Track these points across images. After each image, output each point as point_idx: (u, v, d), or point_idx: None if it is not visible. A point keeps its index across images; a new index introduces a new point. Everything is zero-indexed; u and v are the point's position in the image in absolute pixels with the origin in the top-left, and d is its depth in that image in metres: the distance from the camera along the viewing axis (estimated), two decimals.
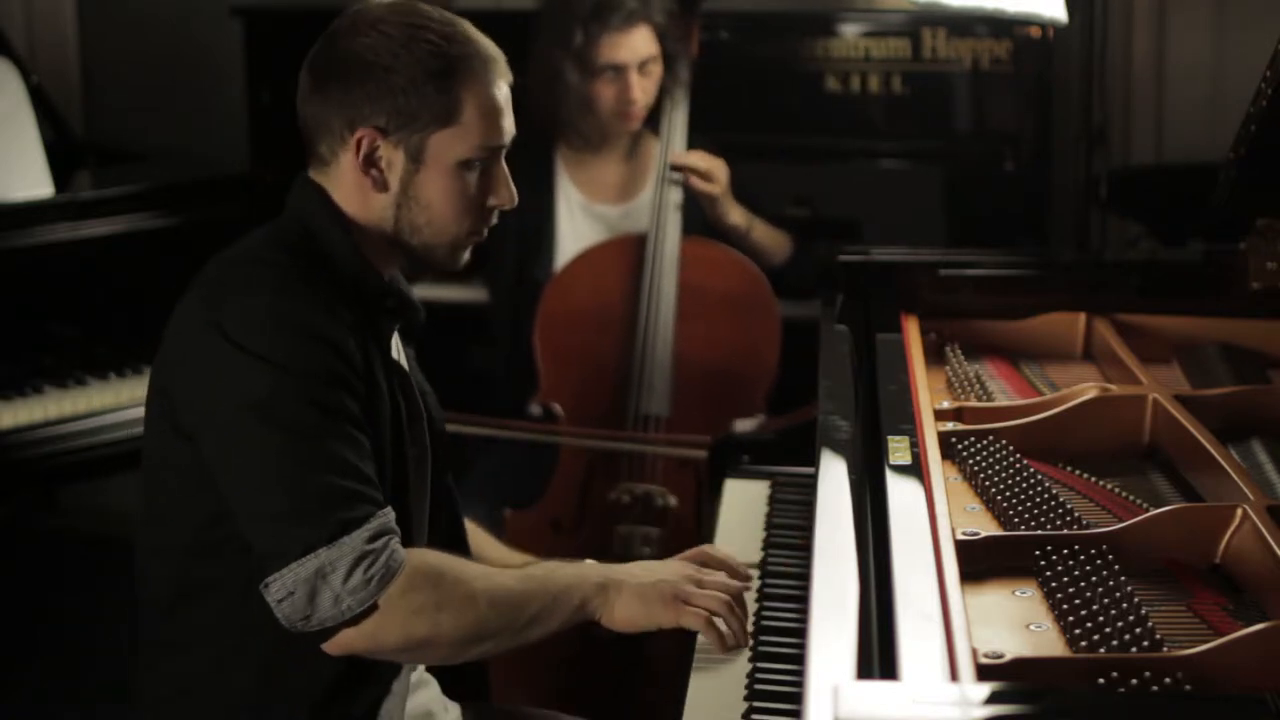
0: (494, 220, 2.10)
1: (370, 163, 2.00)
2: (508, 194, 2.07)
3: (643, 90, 3.34)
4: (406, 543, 1.98)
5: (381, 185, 2.02)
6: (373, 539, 1.89)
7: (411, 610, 1.90)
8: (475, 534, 2.34)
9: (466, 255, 2.10)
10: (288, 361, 1.90)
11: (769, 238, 3.47)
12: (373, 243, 2.05)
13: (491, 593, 1.95)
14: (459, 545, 2.22)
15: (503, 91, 2.04)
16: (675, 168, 3.38)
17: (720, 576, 2.04)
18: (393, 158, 2.01)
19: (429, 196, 2.02)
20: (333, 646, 1.92)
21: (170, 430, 1.99)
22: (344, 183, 2.03)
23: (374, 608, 1.89)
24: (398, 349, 2.13)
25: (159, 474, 2.03)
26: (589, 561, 2.07)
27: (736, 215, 3.41)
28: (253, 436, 1.90)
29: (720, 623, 1.96)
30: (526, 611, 1.96)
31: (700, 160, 3.38)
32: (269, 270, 1.97)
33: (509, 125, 2.05)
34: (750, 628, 2.08)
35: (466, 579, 1.95)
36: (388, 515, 1.93)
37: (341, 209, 2.04)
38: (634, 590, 1.99)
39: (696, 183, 3.36)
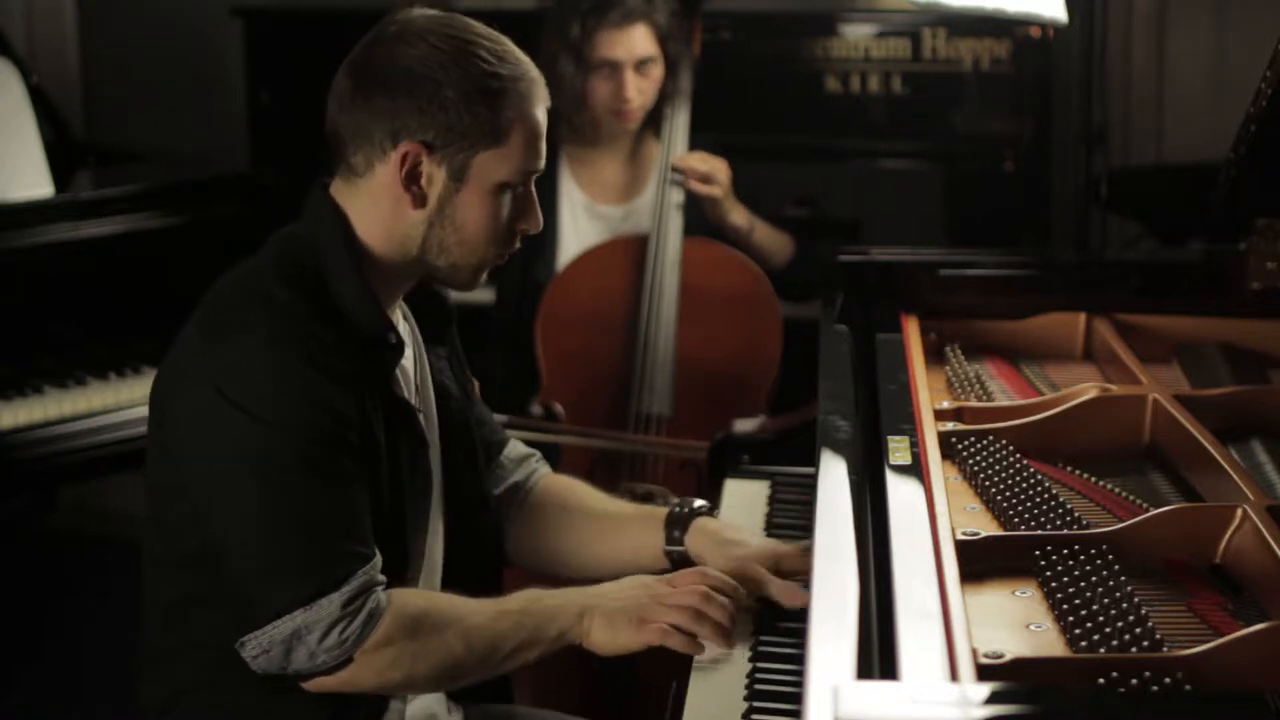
0: (517, 245, 2.07)
1: (412, 178, 1.96)
2: (536, 220, 2.05)
3: (639, 90, 3.33)
4: (404, 572, 1.99)
5: (420, 202, 1.97)
6: (350, 600, 1.89)
7: (387, 662, 1.92)
8: (575, 487, 2.35)
9: (483, 278, 2.08)
10: (279, 419, 1.88)
11: (771, 239, 3.48)
12: (385, 270, 2.01)
13: (468, 633, 1.95)
14: (487, 554, 2.22)
15: (544, 116, 2.02)
16: (676, 169, 3.38)
17: (685, 586, 2.02)
18: (434, 174, 1.96)
19: (464, 217, 1.98)
20: (309, 686, 1.94)
21: (160, 453, 1.98)
22: (375, 196, 1.98)
23: (349, 660, 1.91)
24: (415, 357, 2.11)
25: (154, 489, 2.02)
26: (570, 590, 2.06)
27: (738, 216, 3.41)
28: (240, 491, 1.89)
29: (703, 629, 1.97)
30: (504, 648, 1.97)
31: (701, 162, 3.38)
32: (268, 312, 1.92)
33: (544, 150, 2.03)
34: (750, 628, 2.08)
35: (445, 624, 1.95)
36: (372, 570, 1.92)
37: (357, 234, 1.99)
38: (603, 615, 2.00)
39: (697, 185, 3.36)
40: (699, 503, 2.30)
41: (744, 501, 2.59)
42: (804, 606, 2.10)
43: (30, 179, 3.41)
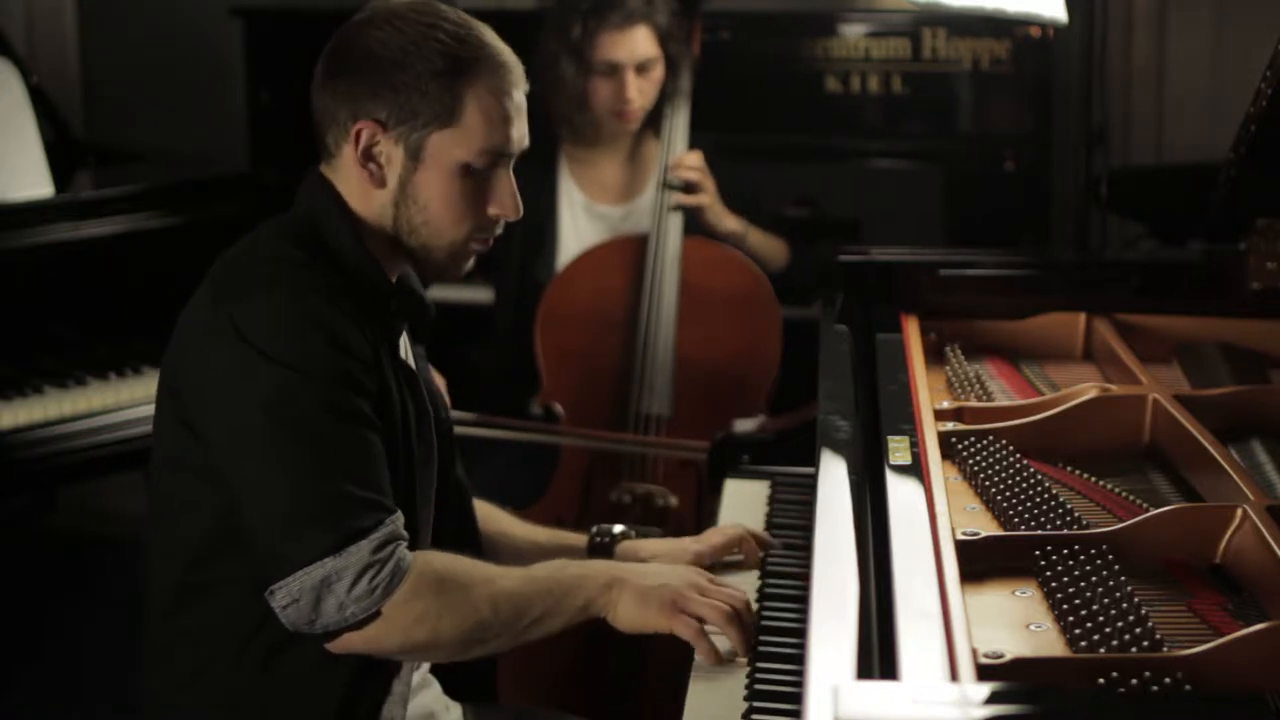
0: (498, 230, 2.08)
1: (369, 156, 1.99)
2: (511, 204, 2.05)
3: (639, 91, 3.33)
4: (413, 543, 1.98)
5: (379, 180, 2.00)
6: (379, 548, 1.89)
7: (414, 617, 1.92)
8: (498, 515, 2.35)
9: (469, 264, 2.08)
10: (302, 363, 1.90)
11: (765, 245, 3.48)
12: (378, 241, 2.04)
13: (495, 596, 1.96)
14: (469, 541, 2.22)
15: (513, 99, 2.02)
16: (672, 173, 3.38)
17: (729, 588, 2.04)
18: (392, 153, 1.99)
19: (426, 197, 2.01)
20: (336, 647, 1.94)
21: (181, 427, 1.98)
22: (347, 177, 2.02)
23: (377, 614, 1.90)
24: (405, 348, 2.13)
25: (168, 473, 2.03)
26: (598, 562, 2.08)
27: (730, 222, 3.42)
28: (264, 438, 1.89)
29: (720, 635, 1.98)
30: (530, 613, 1.97)
31: (689, 171, 3.37)
32: (281, 267, 1.96)
33: (518, 134, 2.03)
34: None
35: (470, 583, 1.96)
36: (396, 521, 1.92)
37: (348, 204, 2.03)
38: (635, 590, 2.00)
39: (682, 198, 3.35)
40: (618, 528, 2.34)
41: (744, 501, 2.59)
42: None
43: (30, 179, 3.41)
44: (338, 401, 1.90)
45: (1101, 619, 1.65)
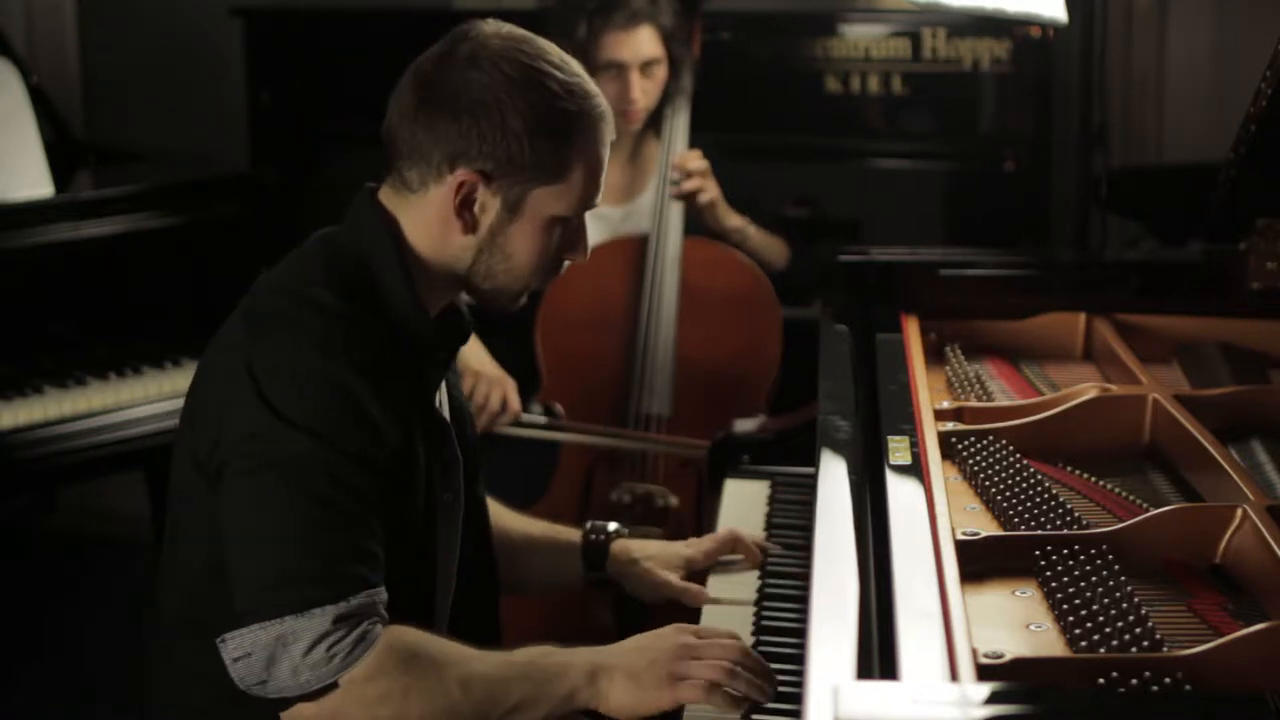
0: (561, 272, 2.03)
1: (466, 205, 1.91)
2: (584, 250, 2.01)
3: (643, 91, 3.33)
4: (429, 591, 1.91)
5: (471, 229, 1.93)
6: (346, 618, 1.80)
7: (377, 694, 1.81)
8: (494, 509, 2.30)
9: (524, 300, 2.03)
10: (315, 428, 1.83)
11: (765, 244, 3.47)
12: (434, 279, 1.97)
13: (467, 680, 1.84)
14: (484, 561, 2.19)
15: (608, 152, 1.98)
16: (675, 171, 3.38)
17: (719, 640, 1.90)
18: (489, 203, 1.92)
19: (514, 248, 1.94)
20: (288, 715, 1.84)
21: (191, 461, 1.92)
22: (426, 215, 1.94)
23: (334, 686, 1.81)
24: (441, 392, 2.08)
25: (178, 499, 1.98)
26: (579, 650, 1.92)
27: (733, 220, 3.42)
28: (265, 495, 1.83)
29: (728, 687, 1.85)
30: (507, 701, 1.85)
31: (695, 168, 3.37)
32: (315, 316, 1.88)
33: (603, 185, 1.99)
34: (751, 635, 2.08)
35: (443, 663, 1.85)
36: (374, 596, 1.83)
37: (409, 242, 1.95)
38: (626, 675, 1.87)
39: (689, 189, 3.35)
40: (613, 526, 2.31)
41: (744, 501, 2.59)
42: (703, 604, 2.21)
43: (30, 179, 3.41)
44: (343, 472, 1.83)
45: (1101, 619, 1.65)
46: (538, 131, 1.90)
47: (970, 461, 2.09)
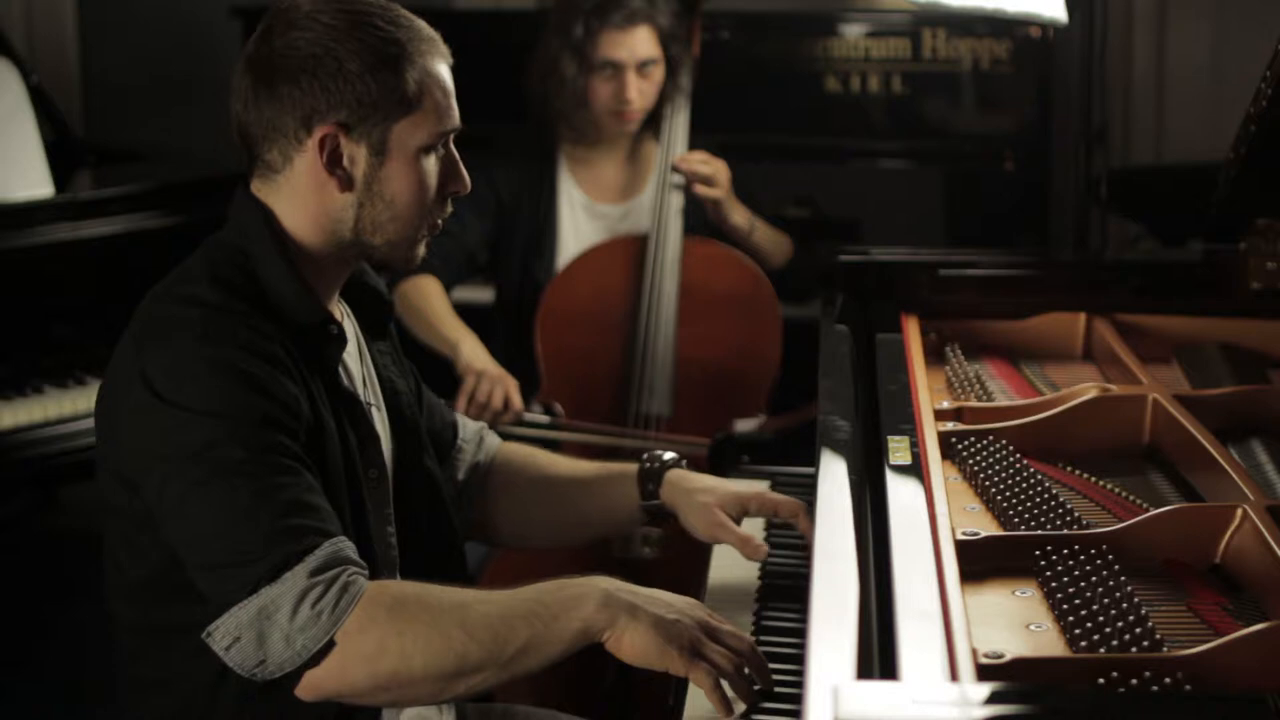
0: (449, 210, 2.03)
1: (334, 161, 1.93)
2: (463, 179, 2.01)
3: (640, 92, 3.33)
4: (371, 569, 1.88)
5: (346, 184, 1.94)
6: (319, 570, 1.78)
7: (374, 646, 1.77)
8: (535, 457, 2.31)
9: (423, 249, 2.04)
10: (215, 407, 1.83)
11: (770, 239, 3.48)
12: (319, 262, 1.98)
13: (467, 621, 1.79)
14: (443, 533, 2.16)
15: (448, 72, 1.99)
16: (677, 170, 3.38)
17: (735, 632, 1.86)
18: (355, 153, 1.93)
19: (393, 190, 1.95)
20: (303, 691, 1.80)
21: (113, 477, 1.94)
22: (297, 189, 1.95)
23: (331, 644, 1.77)
24: (359, 353, 2.09)
25: (110, 518, 1.98)
26: (593, 578, 1.86)
27: (739, 216, 3.42)
28: (189, 486, 1.82)
29: (727, 687, 1.81)
30: (514, 638, 1.79)
31: (702, 164, 3.38)
32: (195, 311, 1.89)
33: (456, 108, 2.00)
34: (751, 635, 2.08)
35: (435, 608, 1.80)
36: (339, 544, 1.81)
37: (285, 229, 1.96)
38: (653, 622, 1.80)
39: (701, 189, 3.36)
40: (669, 455, 2.29)
41: None
42: (762, 559, 2.18)
43: (30, 179, 3.41)
44: (256, 438, 1.83)
45: (1101, 619, 1.65)
46: (376, 66, 1.91)
47: (970, 461, 2.09)
